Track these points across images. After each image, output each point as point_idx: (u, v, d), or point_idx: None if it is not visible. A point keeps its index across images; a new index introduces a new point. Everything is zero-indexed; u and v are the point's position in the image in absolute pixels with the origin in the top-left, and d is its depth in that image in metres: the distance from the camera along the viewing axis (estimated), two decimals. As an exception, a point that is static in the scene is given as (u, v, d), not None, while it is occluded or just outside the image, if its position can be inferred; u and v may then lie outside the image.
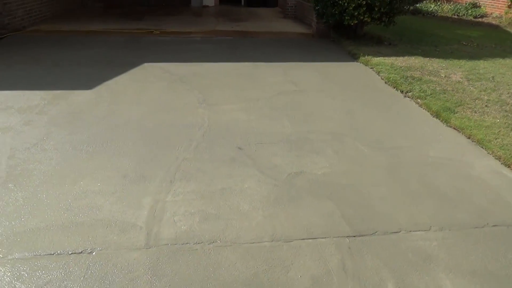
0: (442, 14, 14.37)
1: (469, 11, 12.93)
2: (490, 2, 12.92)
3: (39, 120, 4.36)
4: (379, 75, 6.43)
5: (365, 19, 7.74)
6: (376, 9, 7.59)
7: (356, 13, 7.64)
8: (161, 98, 5.18)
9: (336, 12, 7.87)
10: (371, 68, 6.85)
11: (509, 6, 11.65)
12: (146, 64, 6.64)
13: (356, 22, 7.88)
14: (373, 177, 3.46)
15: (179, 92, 5.43)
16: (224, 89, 5.57)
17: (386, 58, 7.19)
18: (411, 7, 8.20)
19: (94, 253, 2.48)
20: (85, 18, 11.20)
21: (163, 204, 2.98)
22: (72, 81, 5.68)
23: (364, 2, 7.48)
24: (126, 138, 4.01)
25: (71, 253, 2.48)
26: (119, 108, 4.79)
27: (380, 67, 6.68)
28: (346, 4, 7.57)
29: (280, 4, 15.22)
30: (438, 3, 15.34)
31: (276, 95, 5.39)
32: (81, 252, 2.49)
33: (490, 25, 11.52)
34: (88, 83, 5.58)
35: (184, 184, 3.25)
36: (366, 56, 7.26)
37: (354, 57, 7.53)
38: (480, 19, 12.66)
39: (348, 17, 7.80)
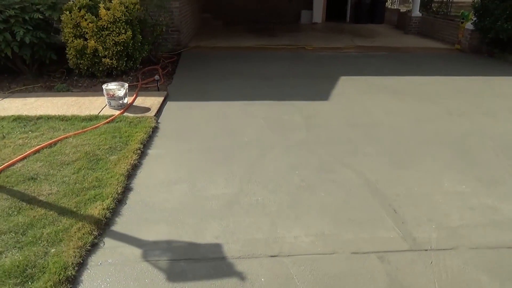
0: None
1: None
2: None
3: (326, 129, 4.68)
4: None
5: (545, 33, 7.73)
6: (559, 23, 7.58)
7: (536, 28, 7.65)
8: (408, 108, 5.40)
9: (510, 26, 7.90)
10: None
11: None
12: (343, 77, 6.94)
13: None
14: None
15: (413, 103, 5.64)
16: (457, 101, 5.72)
17: None
18: None
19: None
20: (220, 34, 11.85)
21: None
22: (298, 93, 6.04)
23: (548, 17, 7.49)
24: (431, 148, 4.23)
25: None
26: (377, 118, 5.04)
27: None
28: (526, 19, 7.60)
29: (387, 20, 15.42)
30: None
31: (512, 107, 5.51)
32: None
33: None
34: (317, 95, 5.92)
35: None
36: (553, 71, 7.24)
37: (537, 72, 7.51)
38: None
39: (525, 32, 7.82)
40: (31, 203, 2.99)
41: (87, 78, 6.60)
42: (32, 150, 3.80)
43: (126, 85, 5.16)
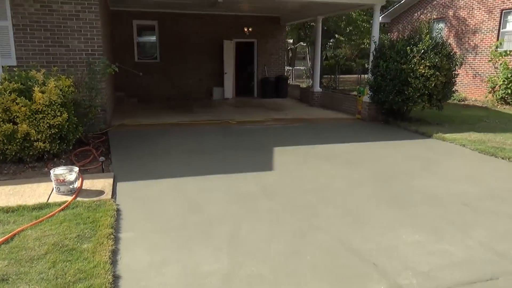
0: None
1: (454, 96, 15.56)
2: (470, 89, 15.89)
3: (284, 197, 5.05)
4: (465, 147, 7.92)
5: (426, 104, 9.53)
6: (435, 96, 9.46)
7: (419, 100, 9.41)
8: (343, 173, 6.10)
9: (399, 100, 9.59)
10: (451, 142, 8.36)
11: (489, 92, 14.53)
12: (276, 148, 7.55)
13: (418, 107, 9.64)
14: None
15: (345, 168, 6.39)
16: (378, 165, 6.64)
17: (455, 134, 8.82)
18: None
19: None
20: (138, 111, 11.99)
21: (486, 245, 3.85)
22: (243, 165, 6.41)
23: (427, 92, 9.32)
24: (377, 206, 4.86)
25: None
26: (322, 183, 5.62)
27: (461, 141, 8.22)
28: (411, 93, 9.33)
29: (290, 95, 17.19)
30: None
31: (420, 162, 6.58)
32: None
33: (480, 107, 14.14)
34: (261, 166, 6.37)
35: (475, 231, 4.16)
36: (438, 134, 8.86)
37: (425, 135, 9.04)
38: (464, 102, 15.40)
39: (411, 103, 9.55)
40: (15, 308, 2.68)
41: (13, 164, 6.11)
42: (-11, 248, 3.41)
43: (77, 168, 4.97)
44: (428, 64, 9.19)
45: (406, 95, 9.44)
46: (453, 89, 10.08)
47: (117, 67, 7.77)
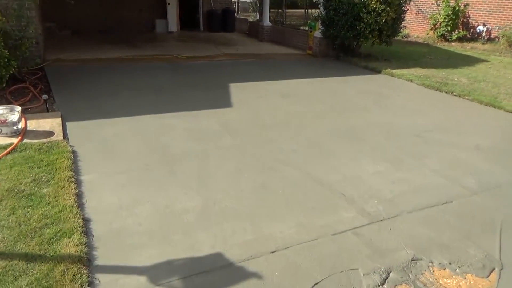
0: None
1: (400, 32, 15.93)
2: (413, 26, 16.31)
3: (246, 133, 5.00)
4: (412, 83, 8.28)
5: (376, 40, 9.66)
6: (385, 32, 9.58)
7: (370, 36, 9.50)
8: (301, 108, 6.13)
9: (351, 35, 9.62)
10: (398, 78, 8.68)
11: (431, 29, 15.04)
12: (231, 84, 7.37)
13: (368, 42, 9.75)
14: None
15: (302, 103, 6.43)
16: (333, 100, 6.76)
17: (402, 70, 9.14)
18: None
19: (453, 202, 3.58)
20: (74, 45, 11.02)
21: (439, 172, 4.16)
22: (200, 102, 6.20)
23: (377, 27, 9.40)
24: (337, 139, 4.98)
25: (442, 204, 3.53)
26: (282, 118, 5.63)
27: (408, 77, 8.57)
28: (363, 29, 9.36)
29: (238, 29, 16.60)
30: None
31: (373, 96, 6.80)
32: (446, 203, 3.55)
33: (422, 43, 14.66)
34: (220, 103, 6.22)
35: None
36: (386, 69, 9.12)
37: (375, 70, 9.29)
38: (407, 39, 15.88)
39: (362, 39, 9.63)
40: (-23, 258, 2.47)
41: None
42: None
43: (19, 108, 4.49)
44: (380, -2, 9.18)
45: (357, 30, 9.46)
46: (401, 25, 10.25)
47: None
